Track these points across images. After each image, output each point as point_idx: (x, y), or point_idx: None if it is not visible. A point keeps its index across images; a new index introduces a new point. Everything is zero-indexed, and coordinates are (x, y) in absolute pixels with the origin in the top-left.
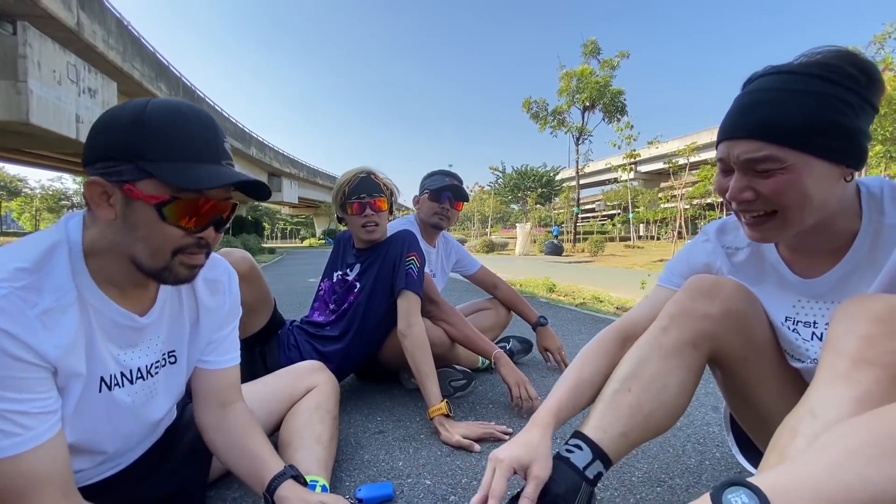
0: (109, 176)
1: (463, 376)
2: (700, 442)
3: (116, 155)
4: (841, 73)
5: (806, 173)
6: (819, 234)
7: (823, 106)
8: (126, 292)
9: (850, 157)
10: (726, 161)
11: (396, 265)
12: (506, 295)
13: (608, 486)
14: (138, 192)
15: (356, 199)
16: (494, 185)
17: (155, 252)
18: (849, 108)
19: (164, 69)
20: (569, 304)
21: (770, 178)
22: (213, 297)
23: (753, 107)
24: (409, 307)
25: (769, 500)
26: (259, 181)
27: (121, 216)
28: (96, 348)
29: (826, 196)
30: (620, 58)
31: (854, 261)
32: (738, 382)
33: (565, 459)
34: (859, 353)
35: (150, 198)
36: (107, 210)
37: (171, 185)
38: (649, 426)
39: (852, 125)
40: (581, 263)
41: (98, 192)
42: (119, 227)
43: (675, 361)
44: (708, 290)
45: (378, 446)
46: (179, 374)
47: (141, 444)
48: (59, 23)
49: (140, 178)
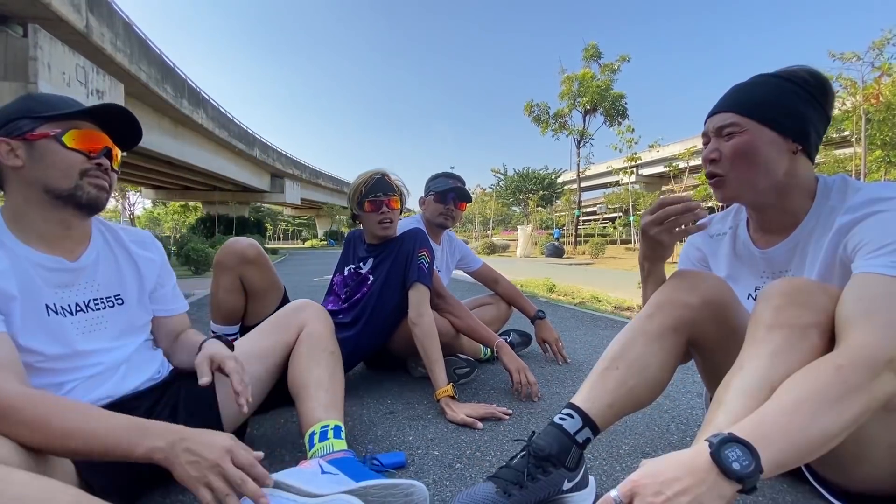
0: (11, 133)
1: (466, 364)
2: (683, 422)
3: (9, 118)
4: (798, 77)
5: (758, 137)
6: (776, 211)
7: (779, 93)
8: (53, 244)
9: (795, 133)
10: (706, 133)
11: (409, 260)
12: (506, 290)
13: (598, 456)
14: (38, 133)
15: (373, 198)
16: (496, 187)
17: (65, 173)
18: (798, 98)
19: (169, 71)
20: (568, 303)
21: (731, 140)
22: (144, 250)
23: (731, 93)
24: (420, 298)
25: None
26: (118, 106)
27: (27, 160)
28: (33, 283)
29: (773, 162)
30: (621, 62)
31: (800, 235)
32: (715, 365)
33: (558, 426)
34: (772, 320)
35: (47, 133)
36: (14, 160)
37: (64, 123)
38: (633, 399)
39: (798, 109)
40: (581, 265)
41: (5, 149)
42: (29, 170)
43: (658, 344)
44: (690, 282)
45: (389, 424)
46: (128, 313)
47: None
48: (68, 25)
49: (36, 126)
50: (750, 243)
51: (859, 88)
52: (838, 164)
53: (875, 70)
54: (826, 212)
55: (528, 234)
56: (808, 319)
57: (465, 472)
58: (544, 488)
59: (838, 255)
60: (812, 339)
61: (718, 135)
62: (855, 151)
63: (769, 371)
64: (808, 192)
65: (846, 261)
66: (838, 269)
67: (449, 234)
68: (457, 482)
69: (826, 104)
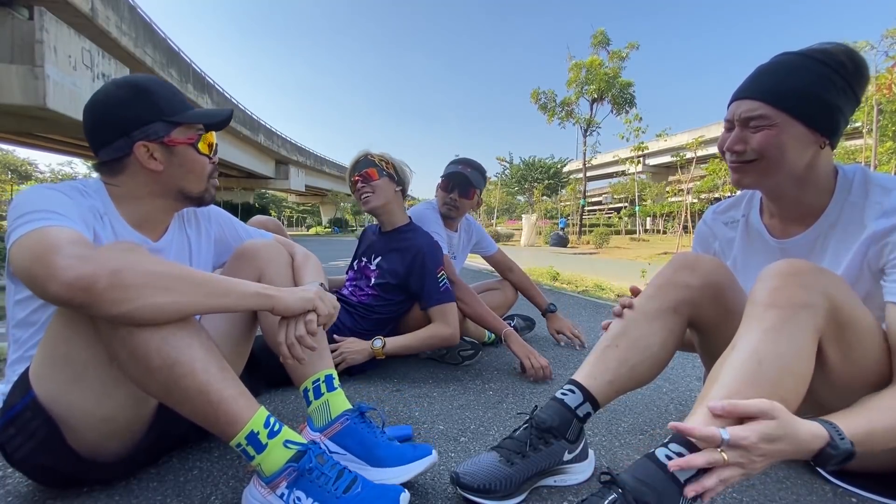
0: (149, 137)
1: (471, 347)
2: (682, 403)
3: (143, 120)
4: (834, 59)
5: (787, 132)
6: (793, 201)
7: (813, 82)
8: (148, 226)
9: (826, 127)
10: (731, 120)
11: (424, 280)
12: (519, 280)
13: (598, 433)
14: (177, 140)
15: (354, 176)
16: (501, 175)
17: (199, 178)
18: (833, 87)
19: (174, 55)
20: (571, 291)
21: (759, 133)
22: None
23: (760, 76)
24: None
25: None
26: (230, 111)
27: (166, 164)
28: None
29: (798, 156)
30: (630, 49)
31: (820, 229)
32: (713, 345)
33: (560, 400)
34: (768, 300)
35: (186, 140)
36: (154, 164)
37: (194, 127)
38: (633, 377)
39: (833, 101)
40: (585, 255)
41: (144, 153)
42: (167, 173)
43: (659, 324)
44: (690, 265)
45: (396, 401)
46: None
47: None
48: (73, 8)
49: (170, 130)
50: (764, 231)
51: (872, 78)
52: (848, 156)
53: (889, 59)
54: (848, 207)
55: (533, 224)
56: (803, 300)
57: (469, 445)
58: (545, 458)
59: (867, 260)
60: (806, 320)
61: (745, 125)
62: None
63: (761, 348)
64: (828, 184)
65: (875, 268)
66: (867, 273)
67: (468, 218)
68: (461, 454)
69: (859, 90)
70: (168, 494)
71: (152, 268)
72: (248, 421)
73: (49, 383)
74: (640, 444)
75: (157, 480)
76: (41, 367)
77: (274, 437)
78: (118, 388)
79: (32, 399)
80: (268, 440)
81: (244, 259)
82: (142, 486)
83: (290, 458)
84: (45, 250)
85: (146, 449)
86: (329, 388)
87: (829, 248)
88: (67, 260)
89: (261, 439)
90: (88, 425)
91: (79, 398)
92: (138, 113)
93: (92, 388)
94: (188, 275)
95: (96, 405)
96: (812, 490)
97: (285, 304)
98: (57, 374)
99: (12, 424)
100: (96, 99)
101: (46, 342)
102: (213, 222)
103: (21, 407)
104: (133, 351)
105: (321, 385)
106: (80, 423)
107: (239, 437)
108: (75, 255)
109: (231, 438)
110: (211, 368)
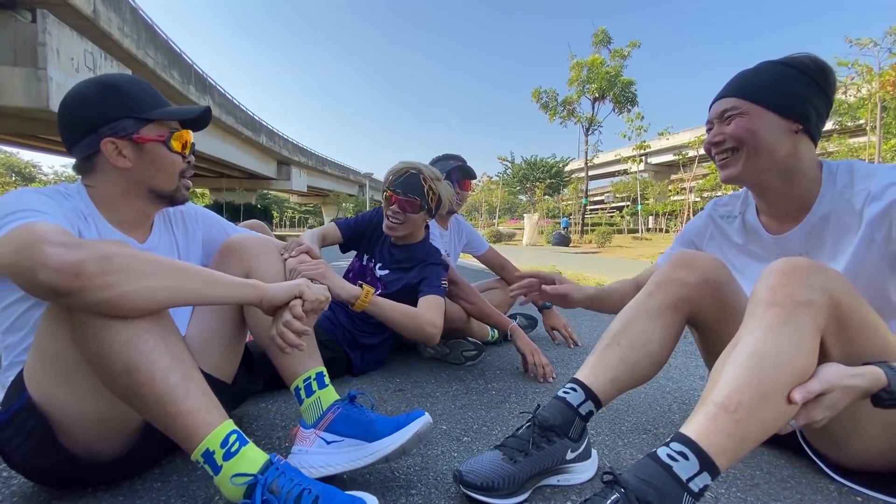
0: (117, 134)
1: (474, 347)
2: (685, 402)
3: (111, 117)
4: (798, 62)
5: (757, 118)
6: (782, 196)
7: (779, 78)
8: (131, 227)
9: (796, 113)
10: (711, 121)
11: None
12: (513, 277)
13: (601, 432)
14: (146, 136)
15: (391, 191)
16: (503, 175)
17: (170, 176)
18: (797, 81)
19: (176, 56)
20: None
21: (732, 122)
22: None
23: (733, 80)
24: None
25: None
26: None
27: (135, 161)
28: None
29: (775, 140)
30: (631, 48)
31: (813, 219)
32: (712, 342)
33: (562, 399)
34: (769, 298)
35: (156, 137)
36: (123, 161)
37: (167, 124)
38: (634, 374)
39: (799, 92)
40: (587, 254)
41: (112, 150)
42: (136, 170)
43: (659, 321)
44: (688, 262)
45: (399, 401)
46: None
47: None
48: (76, 10)
49: (140, 127)
50: (761, 228)
51: (875, 75)
52: (852, 153)
53: (892, 56)
54: (837, 197)
55: (535, 223)
56: (804, 297)
57: (472, 444)
58: (548, 457)
59: (876, 244)
60: (808, 317)
61: (721, 119)
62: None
63: (761, 346)
64: (814, 177)
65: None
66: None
67: (457, 218)
68: (464, 454)
69: (827, 87)
70: (172, 495)
71: (141, 255)
72: (204, 438)
73: (42, 381)
74: (644, 444)
75: (160, 480)
76: (34, 364)
77: (230, 459)
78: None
79: (28, 399)
80: (223, 462)
81: (230, 253)
82: (146, 486)
83: (244, 494)
84: (33, 240)
85: (145, 449)
86: (320, 385)
87: (828, 239)
88: (56, 248)
89: (216, 459)
90: (82, 425)
91: (70, 397)
92: (106, 109)
93: (83, 386)
94: (177, 264)
95: (88, 404)
96: (817, 489)
97: (272, 294)
98: (48, 371)
99: (9, 426)
100: (67, 97)
101: (37, 340)
102: (200, 223)
103: (18, 407)
104: (98, 352)
105: (312, 383)
106: (73, 423)
107: (195, 454)
108: (63, 242)
109: (191, 453)
110: (172, 378)
